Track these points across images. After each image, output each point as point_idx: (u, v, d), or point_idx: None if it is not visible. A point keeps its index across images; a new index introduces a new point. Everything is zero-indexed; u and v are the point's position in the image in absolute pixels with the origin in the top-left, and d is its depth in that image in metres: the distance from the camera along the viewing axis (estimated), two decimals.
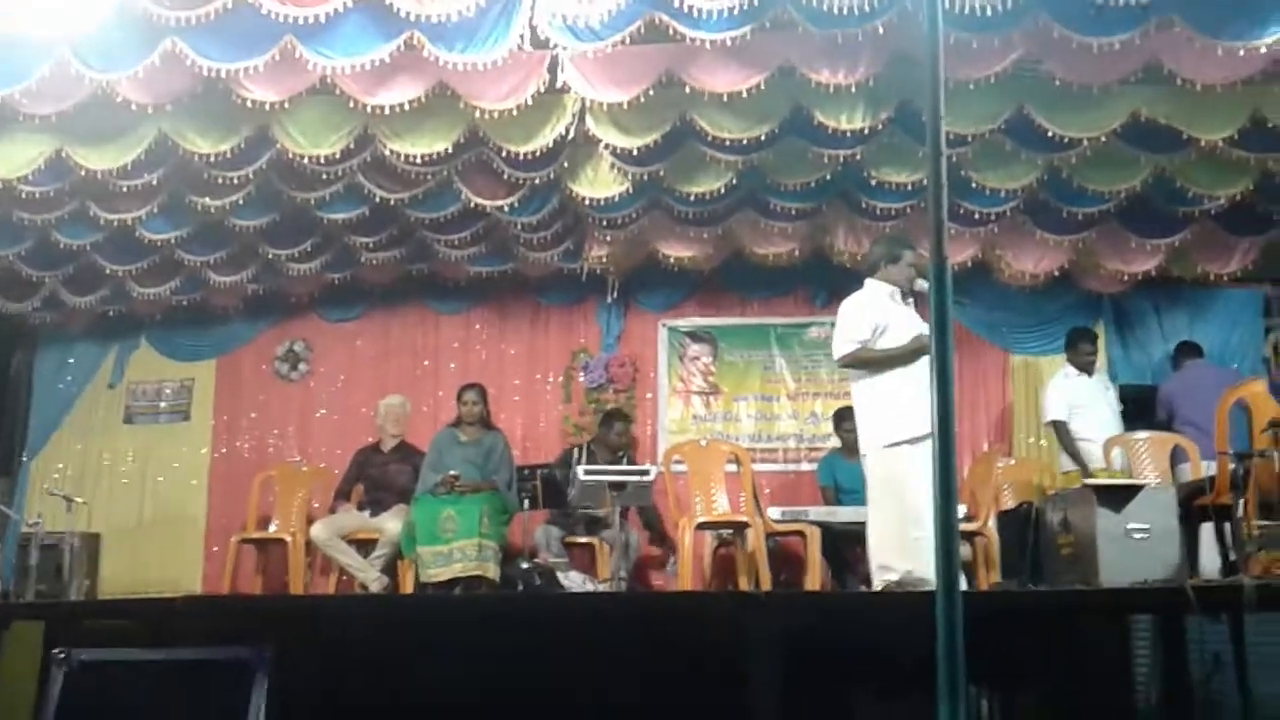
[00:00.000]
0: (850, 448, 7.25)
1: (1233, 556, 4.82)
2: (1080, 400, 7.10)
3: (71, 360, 8.71)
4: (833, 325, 8.00)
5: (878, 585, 4.97)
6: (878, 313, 5.27)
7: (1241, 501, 4.73)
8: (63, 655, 3.63)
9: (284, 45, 5.34)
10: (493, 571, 6.27)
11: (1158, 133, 5.95)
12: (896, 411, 5.05)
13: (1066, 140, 5.95)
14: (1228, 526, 5.04)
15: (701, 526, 6.76)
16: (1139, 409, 7.30)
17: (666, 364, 8.32)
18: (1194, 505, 5.54)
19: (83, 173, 6.33)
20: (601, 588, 6.12)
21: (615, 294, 8.21)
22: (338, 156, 6.21)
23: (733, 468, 7.09)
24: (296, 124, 6.11)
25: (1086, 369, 7.25)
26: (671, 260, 7.59)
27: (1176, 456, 6.61)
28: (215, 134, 6.16)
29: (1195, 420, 6.64)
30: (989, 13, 4.95)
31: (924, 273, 5.09)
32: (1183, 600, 3.50)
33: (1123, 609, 3.83)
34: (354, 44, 5.40)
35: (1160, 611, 3.77)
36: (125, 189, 6.53)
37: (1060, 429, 7.08)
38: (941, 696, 2.23)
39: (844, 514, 6.60)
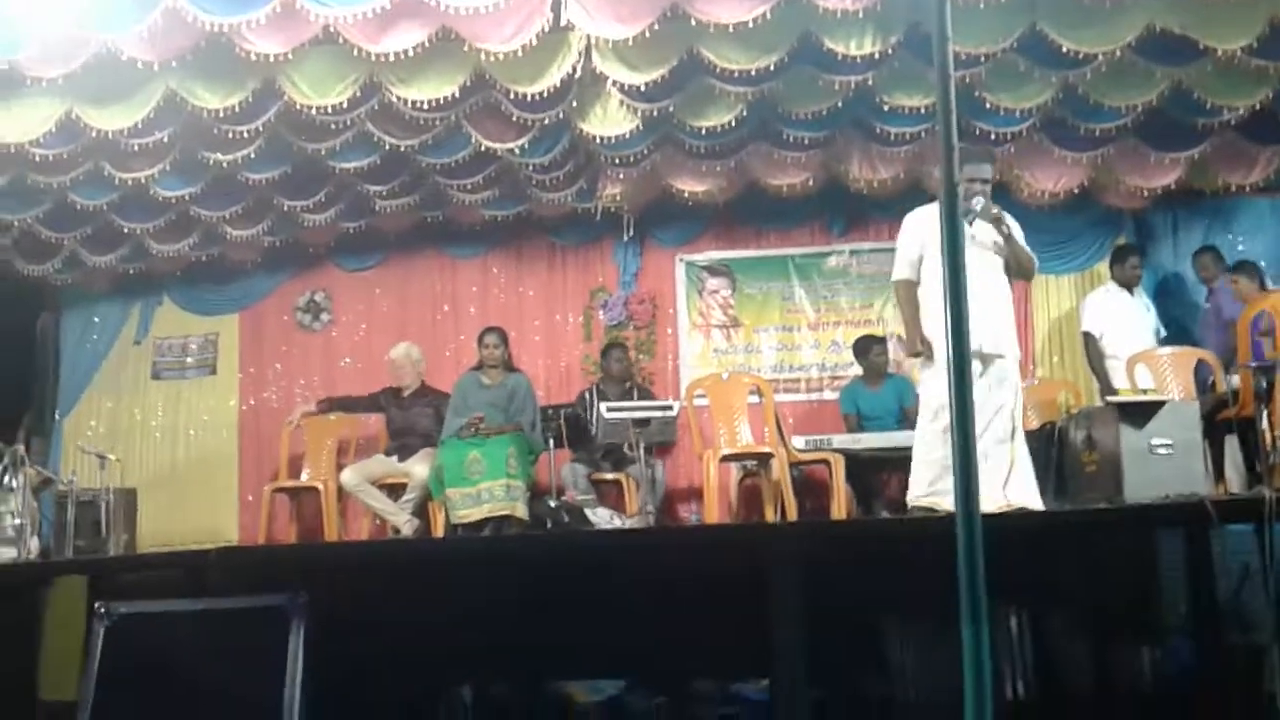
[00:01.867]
0: (872, 375, 7.29)
1: (1258, 468, 4.83)
2: (1117, 317, 7.05)
3: (96, 320, 8.79)
4: (851, 253, 8.12)
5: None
6: (927, 233, 5.20)
7: (1264, 413, 4.73)
8: (104, 609, 3.72)
9: None
10: (521, 511, 6.35)
11: (1173, 44, 5.85)
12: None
13: (1081, 56, 5.86)
14: (1252, 439, 5.03)
15: (726, 459, 6.82)
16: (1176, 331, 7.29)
17: (685, 299, 8.31)
18: (1218, 419, 5.55)
19: (94, 133, 6.37)
20: (630, 523, 6.19)
21: (631, 231, 8.18)
22: (345, 106, 6.20)
23: (755, 399, 7.13)
24: (302, 75, 6.10)
25: (1129, 284, 7.17)
26: (686, 195, 7.56)
27: (1200, 370, 6.59)
28: (222, 89, 6.16)
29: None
30: None
31: (977, 191, 5.08)
32: (1205, 514, 3.52)
33: (1146, 525, 3.85)
34: None
35: (1184, 525, 3.78)
36: (137, 148, 6.58)
37: (1090, 342, 7.04)
38: (965, 619, 2.26)
39: (867, 440, 6.64)
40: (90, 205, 7.31)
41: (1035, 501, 4.80)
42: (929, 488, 4.96)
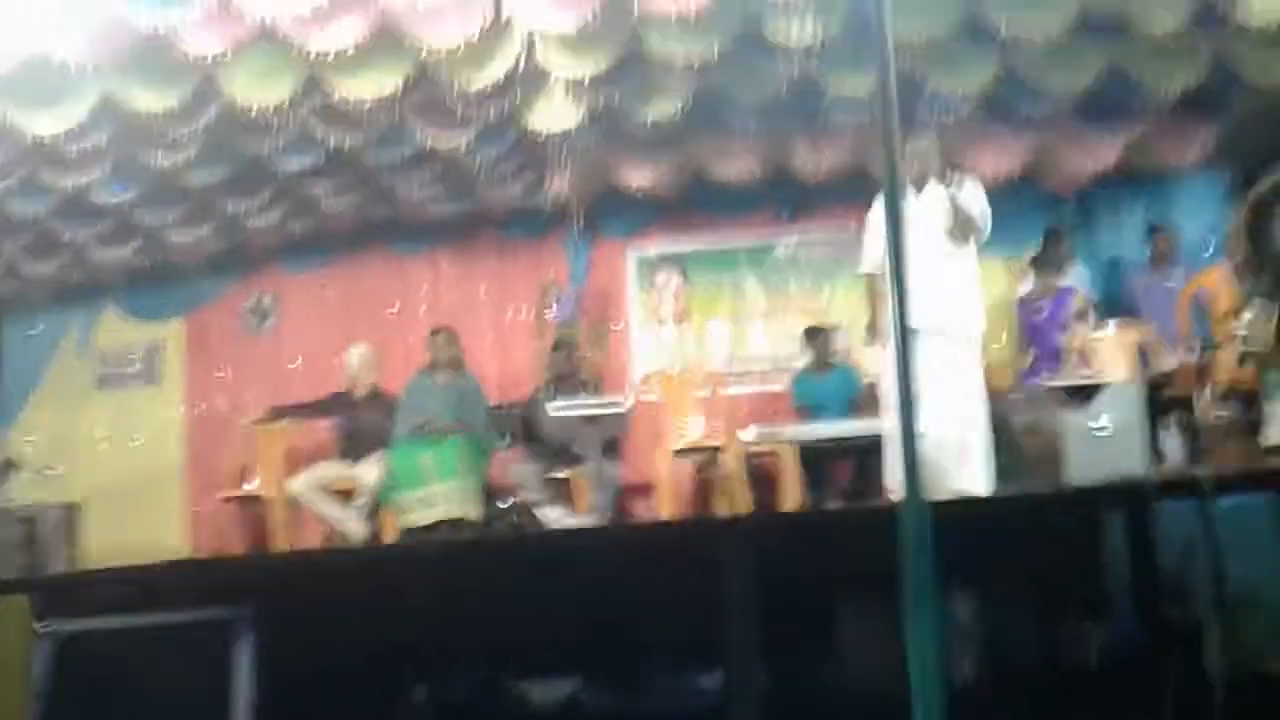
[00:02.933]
0: (821, 364, 7.32)
1: (1196, 446, 4.91)
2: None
3: (38, 330, 8.63)
4: (800, 241, 8.13)
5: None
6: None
7: (1203, 391, 4.80)
8: (48, 628, 3.66)
9: None
10: (474, 512, 6.31)
11: (1110, 24, 5.91)
12: None
13: (1020, 38, 5.90)
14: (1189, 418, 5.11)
15: (678, 453, 6.82)
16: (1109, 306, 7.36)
17: (636, 291, 8.31)
18: (1159, 397, 5.62)
19: (28, 139, 6.22)
20: (582, 521, 6.18)
21: (581, 225, 8.16)
22: (286, 104, 6.09)
23: (706, 392, 7.13)
24: (241, 74, 5.98)
25: (1059, 267, 7.26)
26: (634, 187, 7.54)
27: (1142, 348, 6.67)
28: (160, 90, 6.03)
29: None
30: None
31: (930, 170, 5.06)
32: (1145, 494, 3.57)
33: (1087, 506, 3.89)
34: None
35: (1125, 505, 3.83)
36: (74, 153, 6.42)
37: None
38: (912, 605, 2.28)
39: (819, 430, 6.66)
40: (28, 213, 7.17)
41: (983, 486, 4.85)
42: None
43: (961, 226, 5.05)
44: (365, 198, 7.60)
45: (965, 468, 4.94)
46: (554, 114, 6.51)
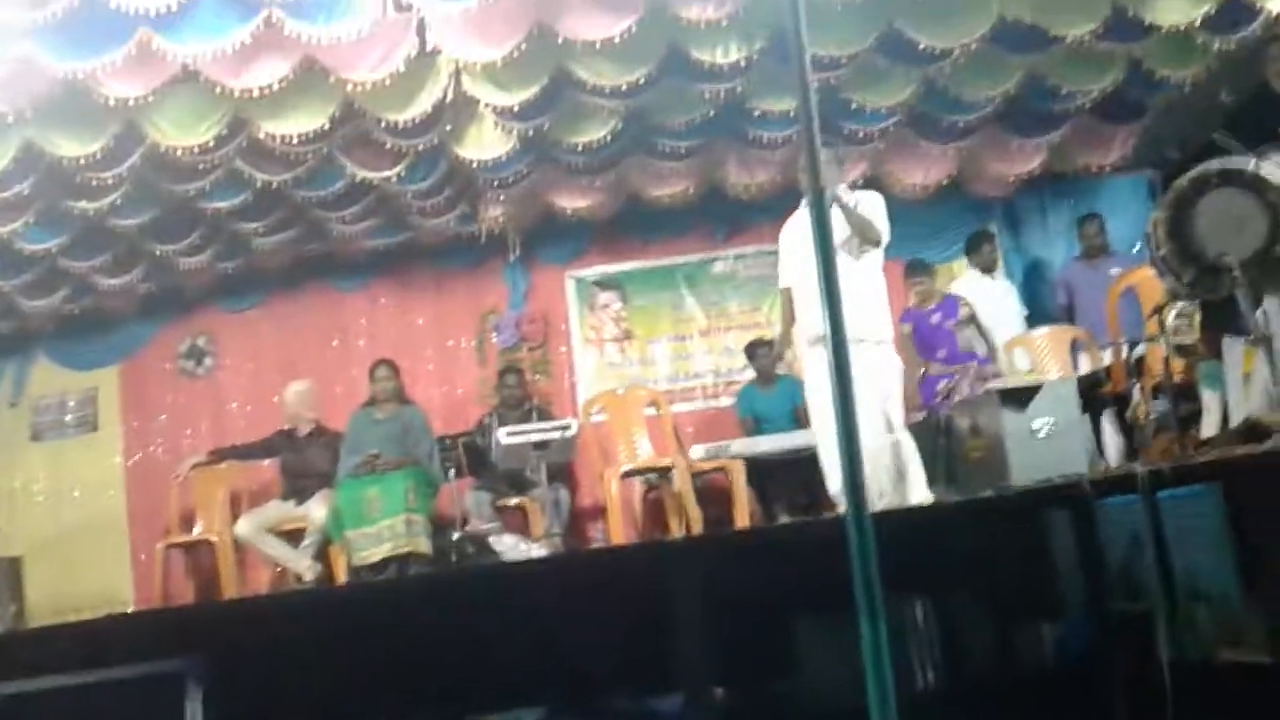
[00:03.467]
0: (764, 377, 7.37)
1: (1134, 442, 5.00)
2: (980, 303, 7.26)
3: None
4: (735, 258, 8.19)
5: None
6: (787, 240, 5.31)
7: (1136, 388, 4.89)
8: None
9: (140, 38, 5.21)
10: (424, 546, 6.23)
11: (1025, 34, 6.05)
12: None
13: (938, 51, 6.04)
14: (1127, 413, 5.21)
15: (627, 474, 6.83)
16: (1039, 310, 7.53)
17: (577, 315, 8.32)
18: (1095, 395, 5.74)
19: None
20: (535, 547, 6.15)
21: (518, 251, 8.17)
22: (212, 144, 6.06)
23: (652, 411, 7.15)
24: (164, 116, 5.94)
25: (989, 269, 7.41)
26: (569, 212, 7.58)
27: (1076, 348, 6.82)
28: (82, 136, 5.97)
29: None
30: None
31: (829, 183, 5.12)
32: (1083, 493, 3.63)
33: (1030, 508, 3.95)
34: (211, 28, 5.28)
35: (1068, 505, 3.90)
36: None
37: None
38: (862, 615, 2.30)
39: (765, 444, 6.70)
40: None
41: (922, 493, 4.91)
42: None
43: (861, 235, 5.09)
44: (298, 234, 7.54)
45: (901, 473, 5.00)
46: (485, 142, 6.53)
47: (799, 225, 5.32)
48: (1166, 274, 3.77)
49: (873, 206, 5.20)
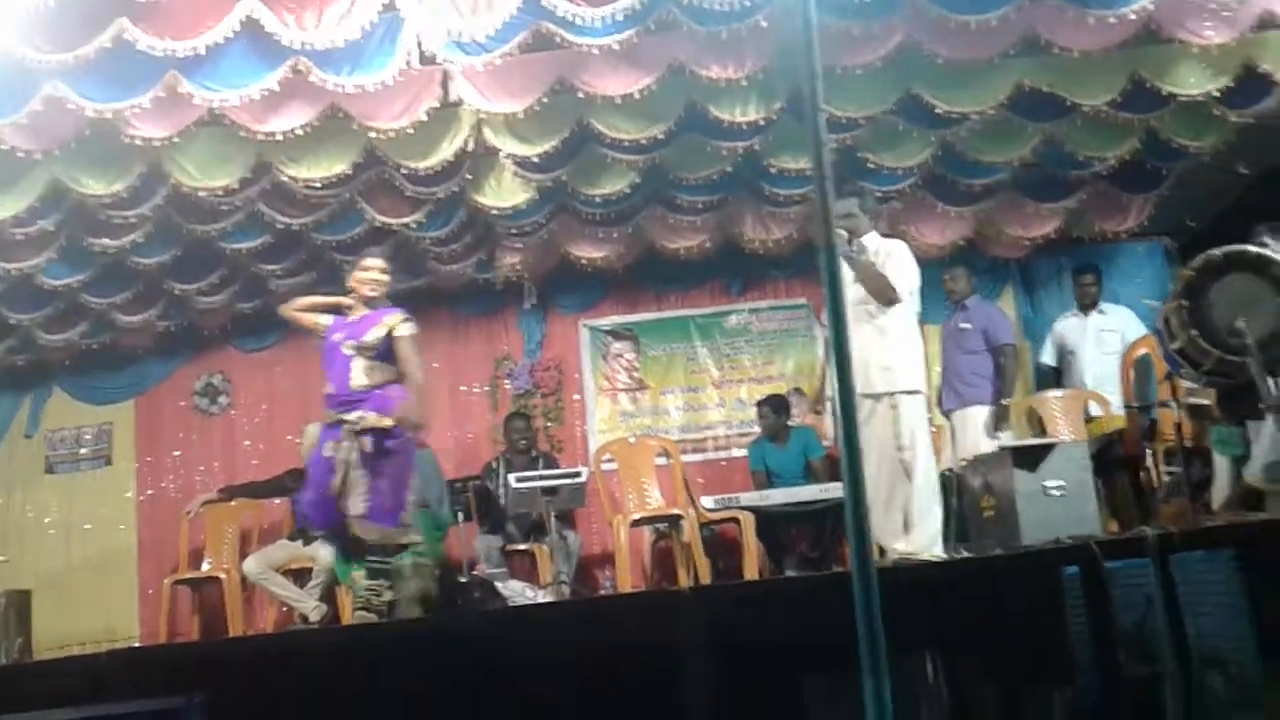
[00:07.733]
0: (778, 431, 7.35)
1: (1145, 504, 4.99)
2: (1070, 342, 7.23)
3: None
4: (750, 311, 8.22)
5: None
6: None
7: (1149, 451, 4.88)
8: None
9: (167, 81, 5.27)
10: (432, 588, 6.23)
11: (1043, 101, 6.11)
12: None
13: (956, 116, 6.10)
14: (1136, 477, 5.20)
15: (636, 523, 6.82)
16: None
17: (590, 364, 8.35)
18: (1107, 457, 5.72)
19: None
20: (542, 594, 6.13)
21: (533, 299, 8.23)
22: (235, 187, 6.15)
23: (663, 461, 7.15)
24: (189, 158, 6.02)
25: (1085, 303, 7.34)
26: (585, 261, 7.63)
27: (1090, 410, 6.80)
28: (108, 175, 6.05)
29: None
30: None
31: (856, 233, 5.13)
32: (1093, 555, 3.63)
33: (1041, 567, 3.94)
34: (239, 74, 5.34)
35: (1079, 565, 3.89)
36: (21, 237, 6.38)
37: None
38: (865, 671, 2.30)
39: (776, 497, 6.70)
40: None
41: (934, 549, 4.88)
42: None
43: (875, 294, 5.03)
44: (316, 276, 7.59)
45: (909, 528, 4.97)
46: (504, 192, 6.61)
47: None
48: (1183, 365, 3.77)
49: (899, 255, 5.16)
